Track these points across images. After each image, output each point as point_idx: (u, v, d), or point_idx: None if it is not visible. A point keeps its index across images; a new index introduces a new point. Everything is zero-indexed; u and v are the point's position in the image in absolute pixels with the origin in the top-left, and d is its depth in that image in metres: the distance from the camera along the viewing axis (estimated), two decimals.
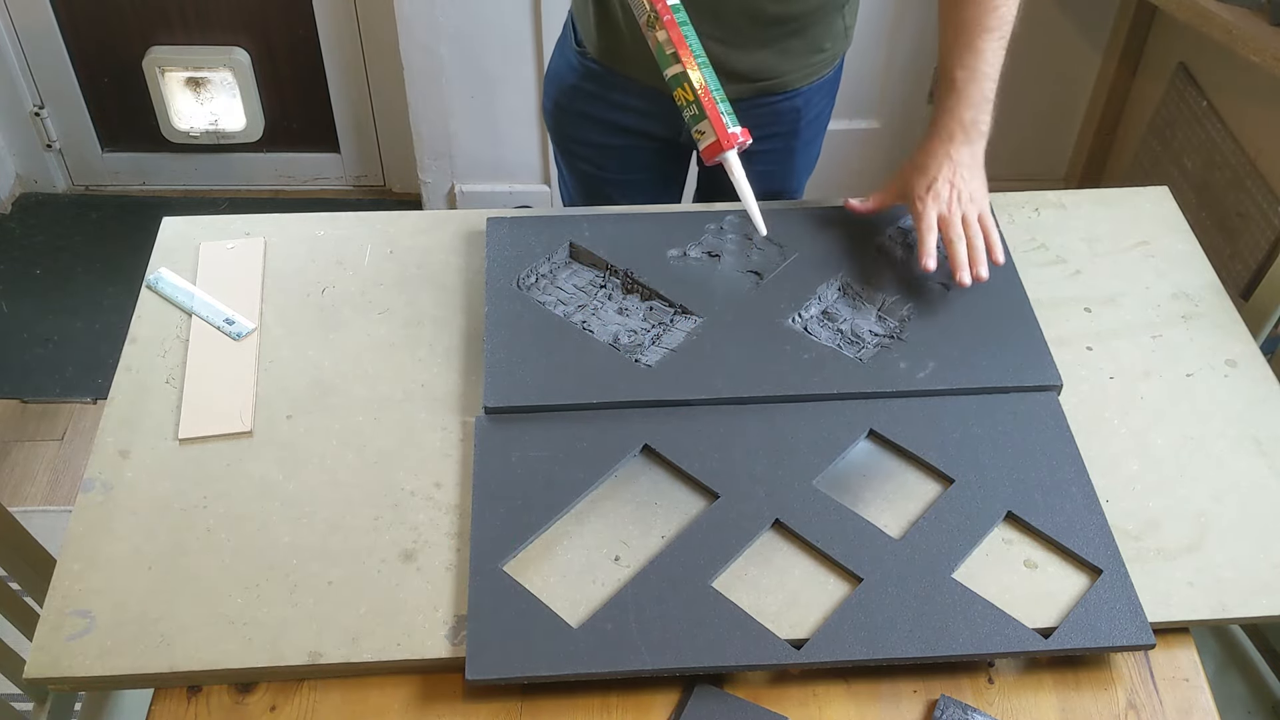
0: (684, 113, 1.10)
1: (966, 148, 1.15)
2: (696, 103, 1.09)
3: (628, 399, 1.04)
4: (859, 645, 0.88)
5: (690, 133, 1.11)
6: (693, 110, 1.09)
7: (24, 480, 2.04)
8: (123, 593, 0.92)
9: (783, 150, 1.40)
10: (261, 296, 1.17)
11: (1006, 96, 2.61)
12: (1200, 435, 1.06)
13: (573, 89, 1.37)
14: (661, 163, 1.42)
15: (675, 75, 1.08)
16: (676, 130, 1.36)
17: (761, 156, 1.39)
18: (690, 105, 1.09)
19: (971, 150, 1.16)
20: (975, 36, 1.16)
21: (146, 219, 2.39)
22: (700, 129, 1.10)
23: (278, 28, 2.36)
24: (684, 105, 1.10)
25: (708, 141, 1.09)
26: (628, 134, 1.37)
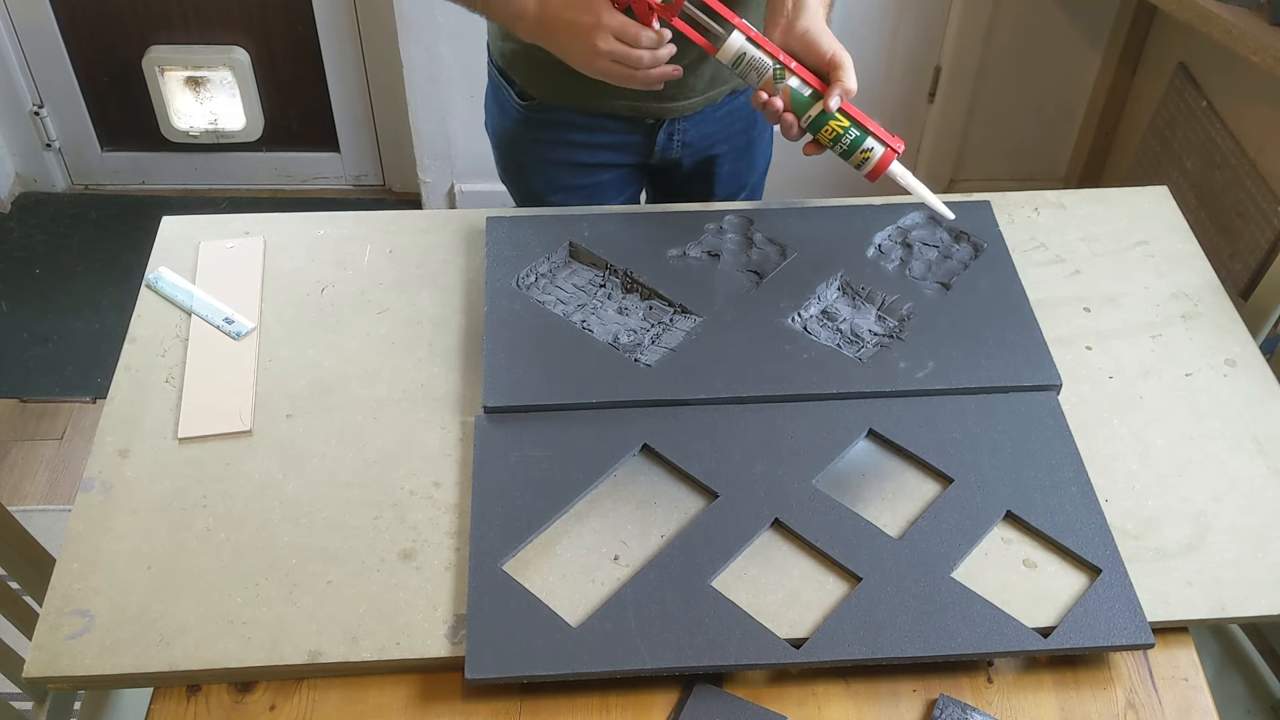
0: (834, 146, 1.07)
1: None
2: (854, 125, 1.06)
3: (627, 399, 1.04)
4: (858, 644, 0.88)
5: (848, 161, 1.08)
6: (850, 138, 1.06)
7: (24, 479, 2.04)
8: (122, 592, 0.92)
9: (743, 145, 1.39)
10: (261, 296, 1.17)
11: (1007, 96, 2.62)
12: (1199, 435, 1.06)
13: (528, 144, 1.35)
14: (620, 191, 1.41)
15: (820, 115, 1.05)
16: (646, 152, 1.34)
17: (727, 156, 1.39)
18: (846, 133, 1.06)
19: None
20: None
21: (146, 218, 2.40)
22: (866, 149, 1.06)
23: (277, 27, 2.36)
24: (836, 138, 1.06)
25: (876, 158, 1.07)
26: (589, 170, 1.36)
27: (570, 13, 1.05)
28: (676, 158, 1.36)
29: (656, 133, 1.31)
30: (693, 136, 1.33)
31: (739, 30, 1.05)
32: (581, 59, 1.07)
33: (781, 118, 1.06)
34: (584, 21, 1.05)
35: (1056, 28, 2.31)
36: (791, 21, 1.07)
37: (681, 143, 1.33)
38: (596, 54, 1.05)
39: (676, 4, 1.05)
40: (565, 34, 1.07)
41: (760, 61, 1.05)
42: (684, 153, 1.35)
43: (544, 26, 1.08)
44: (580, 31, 1.05)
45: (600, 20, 1.04)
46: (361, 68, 2.41)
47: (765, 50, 1.05)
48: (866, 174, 1.08)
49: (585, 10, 1.04)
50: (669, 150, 1.34)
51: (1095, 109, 2.41)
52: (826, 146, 1.08)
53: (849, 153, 1.07)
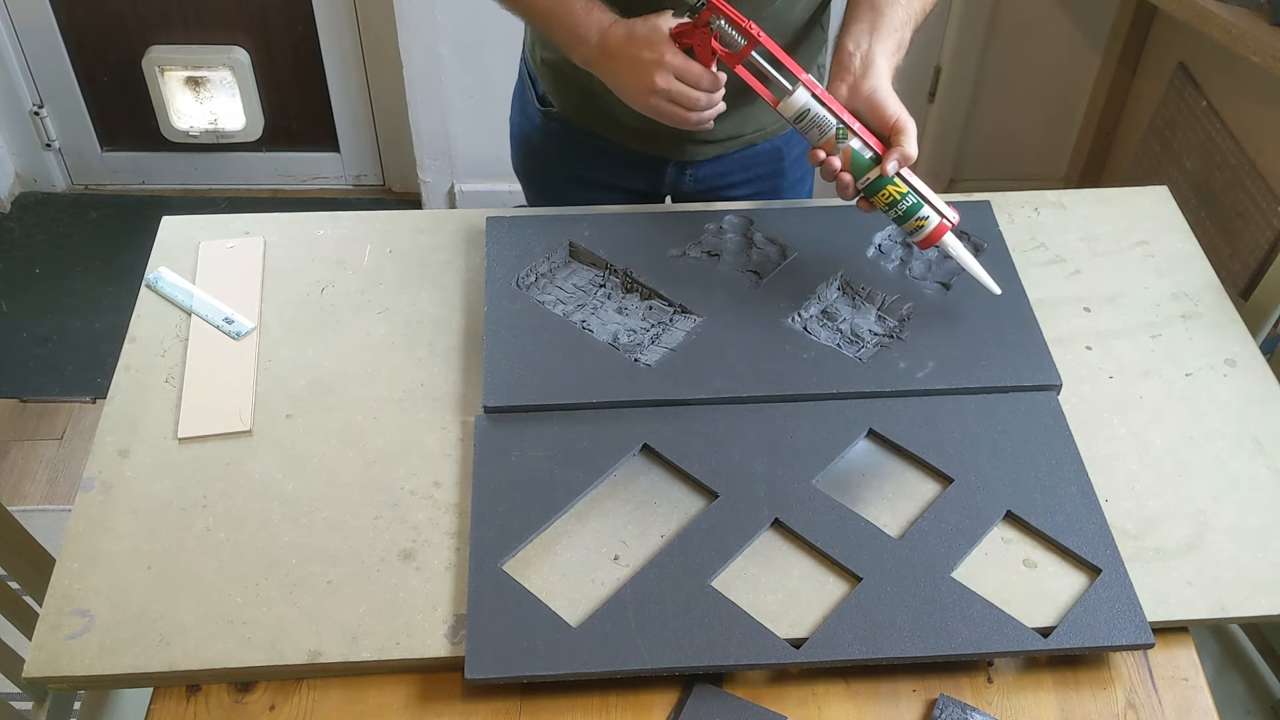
0: (890, 210, 1.05)
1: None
2: (911, 193, 1.04)
3: (627, 398, 1.04)
4: (858, 644, 0.88)
5: (901, 228, 1.07)
6: (906, 204, 1.04)
7: (23, 479, 2.04)
8: (122, 592, 0.92)
9: (768, 192, 1.37)
10: (261, 296, 1.17)
11: (1007, 96, 2.62)
12: (1199, 435, 1.06)
13: (542, 149, 1.35)
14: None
15: (878, 179, 1.03)
16: (655, 184, 1.33)
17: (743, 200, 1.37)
18: (904, 199, 1.04)
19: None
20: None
21: (146, 218, 2.40)
22: (921, 218, 1.05)
23: (277, 27, 2.37)
24: (892, 203, 1.04)
25: (930, 228, 1.05)
26: (600, 189, 1.35)
27: (633, 47, 1.04)
28: (690, 190, 1.35)
29: (666, 167, 1.31)
30: (705, 174, 1.32)
31: (804, 86, 1.02)
32: (636, 94, 1.06)
33: (838, 177, 1.04)
34: (645, 57, 1.03)
35: (1056, 28, 2.31)
36: (859, 80, 1.05)
37: (694, 178, 1.32)
38: (653, 91, 1.04)
39: (744, 53, 1.03)
40: (624, 67, 1.05)
41: (824, 120, 1.03)
42: (697, 188, 1.34)
43: (604, 55, 1.07)
44: (641, 67, 1.04)
45: (663, 58, 1.03)
46: (361, 68, 2.41)
47: (829, 108, 1.03)
48: (918, 241, 1.07)
49: (648, 47, 1.03)
50: (681, 184, 1.33)
51: (1095, 109, 2.41)
52: (881, 209, 1.06)
53: (903, 219, 1.05)
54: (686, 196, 1.37)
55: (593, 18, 1.07)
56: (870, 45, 1.06)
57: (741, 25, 1.02)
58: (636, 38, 1.04)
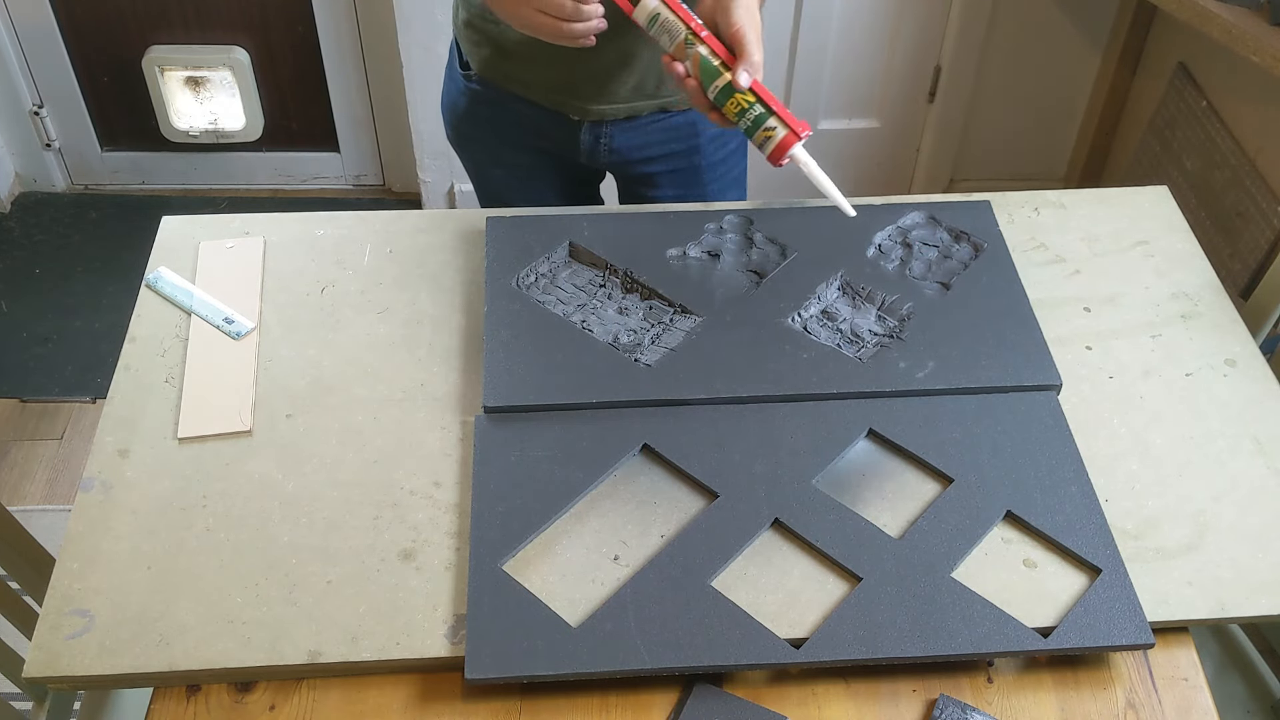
0: (739, 121, 1.05)
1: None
2: (759, 102, 1.04)
3: (627, 398, 1.04)
4: (858, 644, 0.88)
5: (752, 139, 1.06)
6: (754, 114, 1.04)
7: (23, 479, 2.04)
8: (122, 592, 0.92)
9: (687, 170, 1.38)
10: (261, 296, 1.17)
11: (1007, 96, 2.62)
12: (1199, 435, 1.06)
13: (467, 114, 1.36)
14: (566, 182, 1.41)
15: (725, 86, 1.04)
16: (572, 148, 1.34)
17: (665, 179, 1.39)
18: (751, 108, 1.04)
19: None
20: None
21: (146, 218, 2.40)
22: (769, 128, 1.04)
23: (277, 27, 2.37)
24: (741, 112, 1.04)
25: (778, 139, 1.04)
26: (529, 152, 1.37)
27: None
28: (606, 163, 1.36)
29: (579, 130, 1.32)
30: (620, 144, 1.33)
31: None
32: (513, 11, 1.07)
33: (685, 84, 1.05)
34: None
35: (1056, 28, 2.31)
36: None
37: (609, 148, 1.34)
38: (526, 3, 1.05)
39: None
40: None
41: (673, 25, 1.04)
42: (612, 159, 1.35)
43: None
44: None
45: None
46: (361, 68, 2.41)
47: (679, 15, 1.04)
48: (769, 155, 1.06)
49: None
50: (597, 153, 1.34)
51: (1095, 109, 2.41)
52: (732, 123, 1.06)
53: (752, 129, 1.05)
54: (610, 170, 1.39)
55: None
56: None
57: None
58: None
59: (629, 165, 1.37)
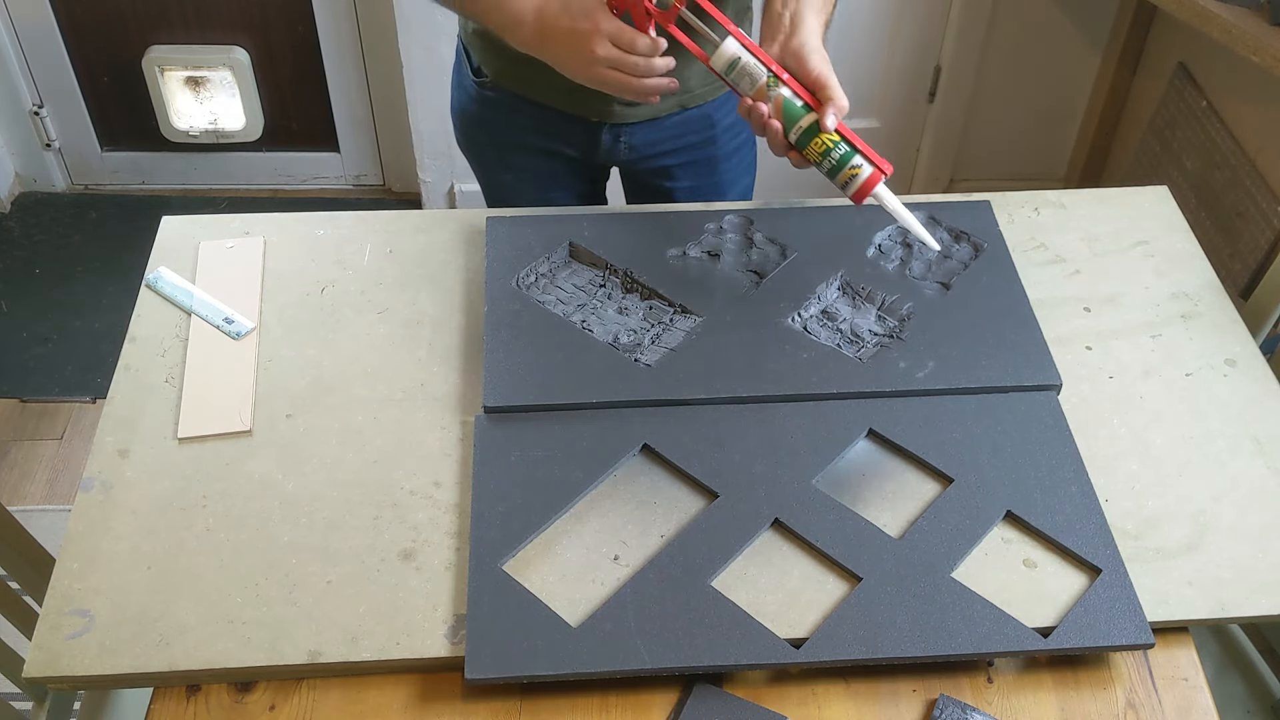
0: (822, 161, 1.04)
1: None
2: (843, 142, 1.03)
3: (627, 398, 1.04)
4: (858, 644, 0.88)
5: (834, 179, 1.05)
6: (838, 153, 1.03)
7: (23, 479, 2.04)
8: (122, 592, 0.92)
9: (703, 161, 1.38)
10: (261, 296, 1.17)
11: (1007, 96, 2.62)
12: (1199, 435, 1.06)
13: (479, 119, 1.36)
14: (578, 182, 1.41)
15: (810, 127, 1.03)
16: (590, 149, 1.34)
17: (684, 170, 1.38)
18: (835, 147, 1.03)
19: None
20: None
21: (146, 218, 2.40)
22: (854, 166, 1.03)
23: (277, 27, 2.37)
24: (825, 152, 1.03)
25: (863, 178, 1.04)
26: (540, 155, 1.36)
27: (567, 20, 1.05)
28: (624, 160, 1.36)
29: (600, 132, 1.32)
30: (638, 141, 1.33)
31: (733, 37, 1.04)
32: (578, 67, 1.06)
33: (768, 125, 1.04)
34: (581, 28, 1.04)
35: (1056, 28, 2.31)
36: (788, 38, 1.06)
37: (628, 145, 1.33)
38: (593, 60, 1.04)
39: (673, 10, 1.04)
40: (562, 42, 1.06)
41: (754, 69, 1.03)
42: (630, 156, 1.35)
43: (541, 34, 1.07)
44: (578, 38, 1.04)
45: (598, 26, 1.03)
46: (361, 68, 2.41)
47: (759, 59, 1.04)
48: (852, 194, 1.05)
49: (583, 17, 1.04)
50: (615, 152, 1.34)
51: (1095, 109, 2.41)
52: (813, 163, 1.06)
53: (836, 169, 1.04)
54: (624, 167, 1.39)
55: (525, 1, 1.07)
56: (798, 5, 1.07)
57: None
58: (571, 10, 1.05)
59: (646, 160, 1.36)
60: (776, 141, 1.05)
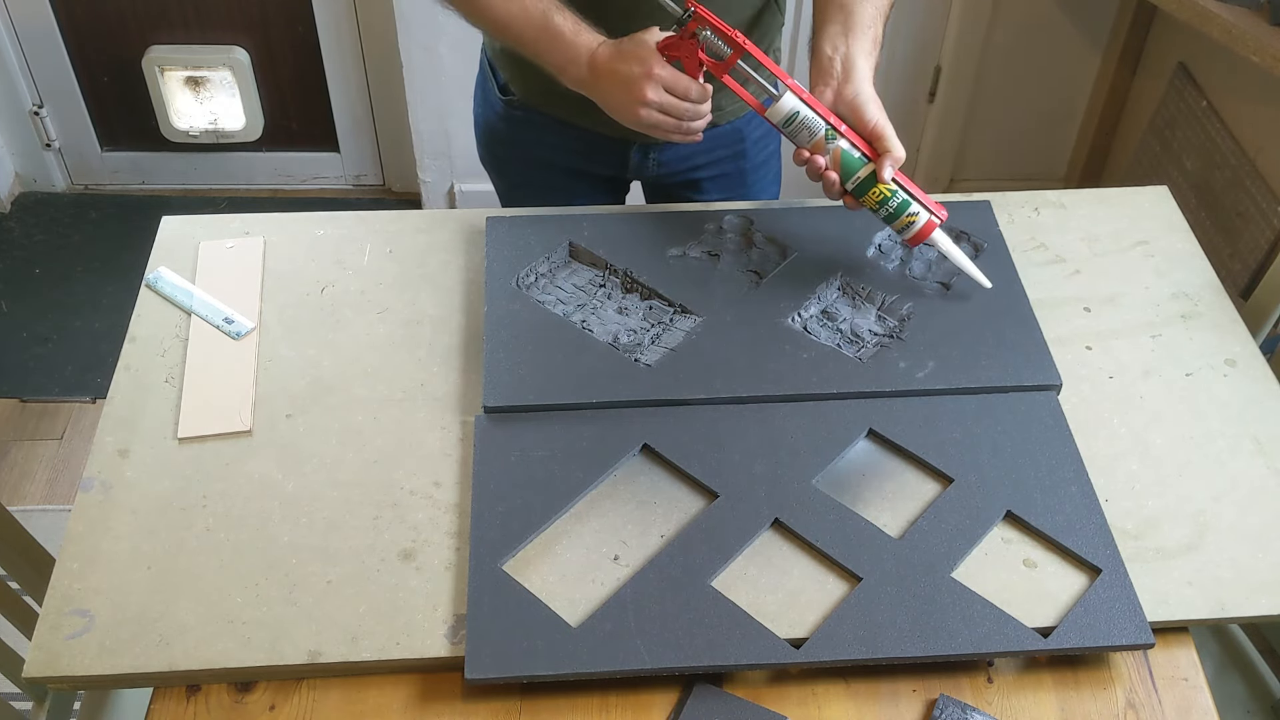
0: (879, 209, 1.07)
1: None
2: (901, 190, 1.06)
3: (627, 398, 1.04)
4: (858, 644, 0.88)
5: (891, 225, 1.09)
6: (895, 201, 1.06)
7: (23, 479, 2.04)
8: (122, 592, 0.92)
9: (733, 174, 1.38)
10: (261, 296, 1.17)
11: (1007, 96, 2.62)
12: (1199, 435, 1.06)
13: (506, 136, 1.36)
14: (601, 195, 1.41)
15: (868, 177, 1.06)
16: (619, 167, 1.34)
17: (712, 184, 1.38)
18: (893, 197, 1.06)
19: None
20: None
21: (146, 218, 2.39)
22: (911, 214, 1.07)
23: (277, 27, 2.37)
24: (883, 201, 1.06)
25: (919, 225, 1.07)
26: (566, 172, 1.36)
27: (621, 63, 1.06)
28: (655, 175, 1.36)
29: (629, 150, 1.32)
30: (669, 157, 1.33)
31: (791, 91, 1.04)
32: (627, 109, 1.07)
33: (824, 176, 1.06)
34: (635, 72, 1.05)
35: (1056, 28, 2.31)
36: (842, 85, 1.07)
37: (657, 162, 1.34)
38: (644, 104, 1.05)
39: (730, 61, 1.05)
40: (614, 83, 1.07)
41: (813, 122, 1.05)
42: (661, 172, 1.35)
43: (595, 74, 1.08)
44: (630, 81, 1.05)
45: (652, 71, 1.04)
46: (361, 68, 2.41)
47: (816, 111, 1.05)
48: (908, 239, 1.09)
49: (637, 61, 1.05)
50: (645, 168, 1.34)
51: (1095, 109, 2.41)
52: (870, 209, 1.08)
53: (894, 217, 1.07)
54: (652, 182, 1.39)
55: (580, 40, 1.08)
56: (848, 48, 1.08)
57: (727, 34, 1.04)
58: (625, 54, 1.06)
59: (675, 175, 1.36)
60: (832, 190, 1.08)
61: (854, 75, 1.07)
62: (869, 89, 1.07)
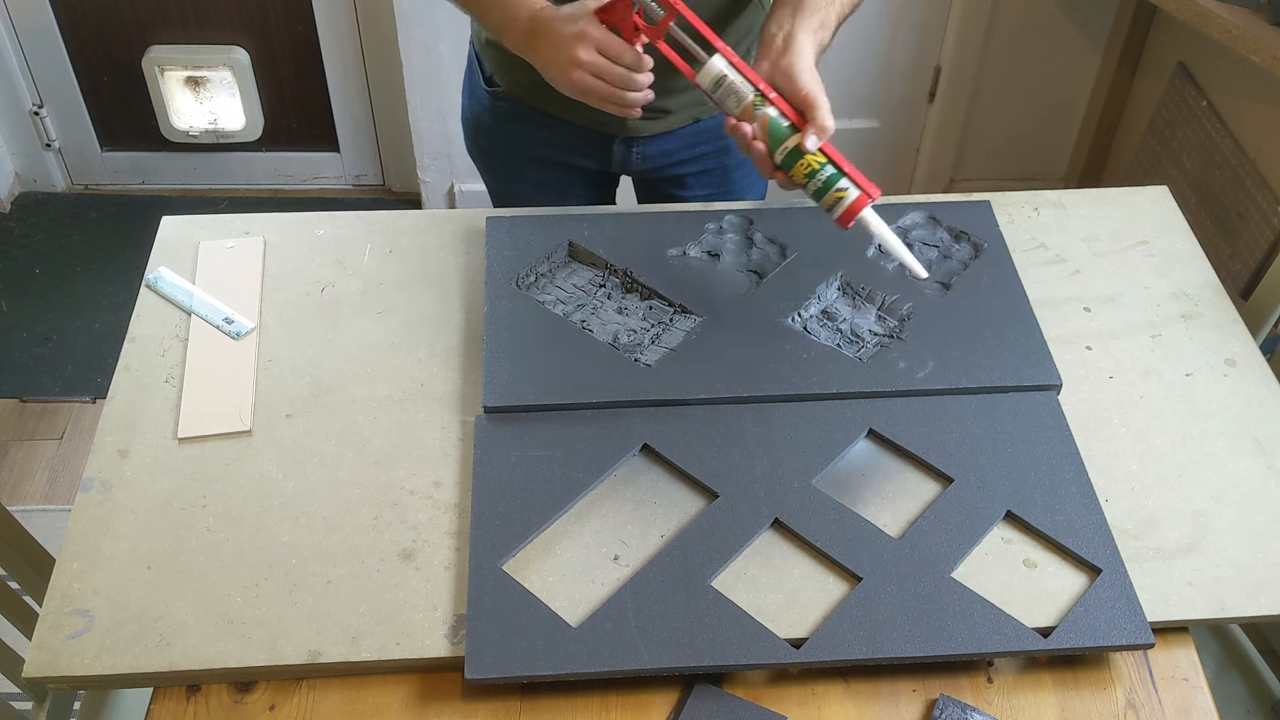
0: (808, 183, 1.01)
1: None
2: (830, 164, 1.01)
3: (627, 398, 1.04)
4: (858, 644, 0.88)
5: (819, 202, 1.03)
6: (824, 174, 1.01)
7: (23, 479, 2.04)
8: (122, 592, 0.92)
9: (717, 170, 1.37)
10: (261, 296, 1.17)
11: (1007, 96, 2.62)
12: (1199, 435, 1.06)
13: (492, 129, 1.36)
14: (589, 190, 1.41)
15: (795, 148, 1.01)
16: (604, 160, 1.34)
17: (699, 179, 1.38)
18: (821, 169, 1.00)
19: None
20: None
21: (146, 218, 2.40)
22: (840, 189, 1.01)
23: (277, 27, 2.36)
24: (810, 173, 1.01)
25: (849, 200, 1.01)
26: (552, 165, 1.36)
27: (557, 24, 1.04)
28: (637, 170, 1.36)
29: (613, 144, 1.32)
30: (652, 151, 1.33)
31: (720, 54, 1.01)
32: (560, 71, 1.04)
33: (752, 146, 1.02)
34: (567, 31, 1.03)
35: (1056, 28, 2.31)
36: (778, 57, 1.04)
37: (641, 156, 1.33)
38: (577, 64, 1.02)
39: (662, 25, 1.02)
40: (548, 44, 1.05)
41: (740, 87, 1.01)
42: (644, 166, 1.35)
43: (532, 35, 1.07)
44: (563, 41, 1.03)
45: (584, 31, 1.02)
46: (361, 68, 2.41)
47: (746, 77, 1.02)
48: (837, 218, 1.02)
49: (570, 22, 1.03)
50: (629, 162, 1.34)
51: (1095, 109, 2.41)
52: (799, 184, 1.03)
53: (822, 192, 1.02)
54: (637, 176, 1.39)
55: (522, 1, 1.07)
56: (793, 25, 1.05)
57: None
58: (562, 15, 1.04)
59: (660, 170, 1.36)
60: (762, 162, 1.03)
61: (792, 47, 1.03)
62: (807, 60, 1.03)
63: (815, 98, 1.01)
